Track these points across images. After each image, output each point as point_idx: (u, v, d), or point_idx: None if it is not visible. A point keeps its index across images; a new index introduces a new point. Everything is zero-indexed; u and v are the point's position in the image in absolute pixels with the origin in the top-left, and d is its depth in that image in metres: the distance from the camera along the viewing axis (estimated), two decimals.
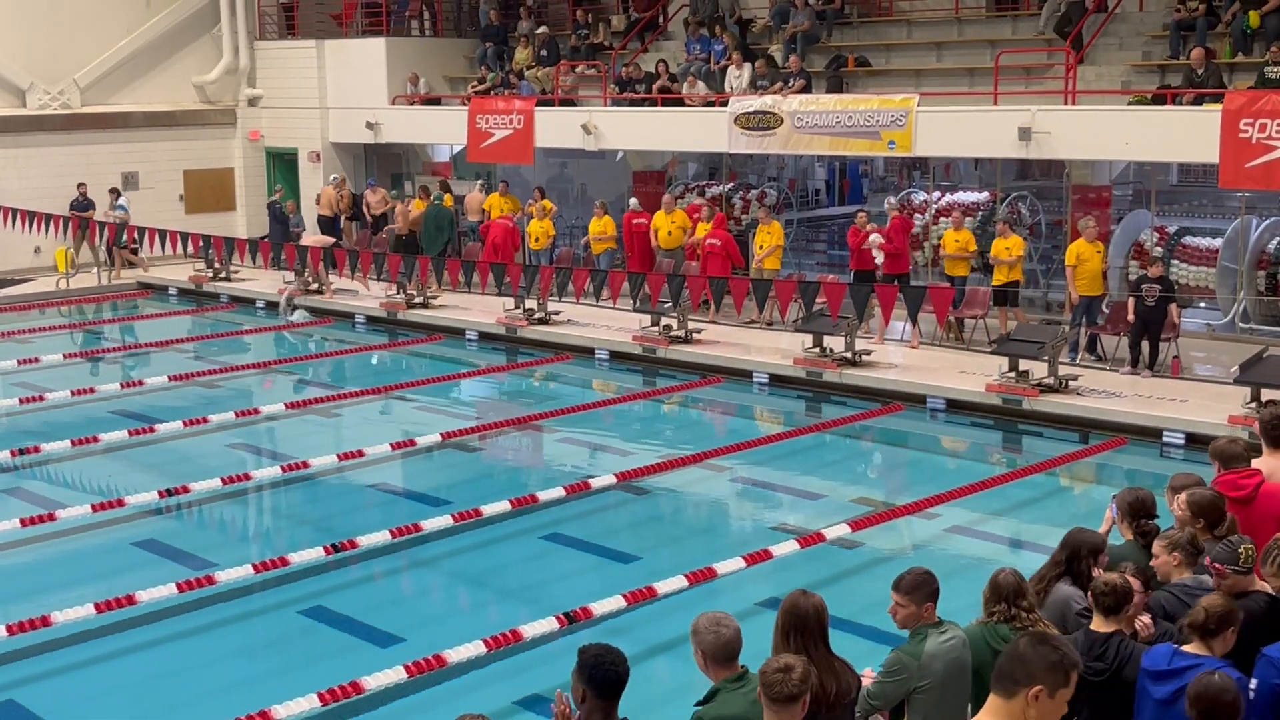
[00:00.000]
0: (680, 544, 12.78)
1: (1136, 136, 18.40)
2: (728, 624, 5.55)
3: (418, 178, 28.58)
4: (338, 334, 22.70)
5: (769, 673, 5.11)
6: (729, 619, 5.59)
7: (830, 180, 29.12)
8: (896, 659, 6.12)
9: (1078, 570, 6.92)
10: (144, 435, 15.73)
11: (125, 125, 28.80)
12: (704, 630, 5.56)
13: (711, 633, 5.53)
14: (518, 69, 26.97)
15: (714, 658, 5.53)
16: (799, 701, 5.10)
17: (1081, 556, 6.93)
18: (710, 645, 5.53)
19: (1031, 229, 21.52)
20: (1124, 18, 21.58)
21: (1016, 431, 16.32)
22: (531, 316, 21.09)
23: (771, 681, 5.09)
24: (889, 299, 17.54)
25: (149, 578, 11.03)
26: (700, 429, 17.61)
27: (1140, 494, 7.64)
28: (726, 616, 5.60)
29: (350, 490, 14.33)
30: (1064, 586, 6.89)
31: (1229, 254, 19.16)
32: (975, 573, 9.37)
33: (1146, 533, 7.41)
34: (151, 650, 10.20)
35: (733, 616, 5.64)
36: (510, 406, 18.49)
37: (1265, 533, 7.38)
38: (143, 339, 22.29)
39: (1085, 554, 6.93)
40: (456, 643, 9.54)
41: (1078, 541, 6.99)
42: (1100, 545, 7.01)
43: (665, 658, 9.85)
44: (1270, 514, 7.62)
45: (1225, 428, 14.42)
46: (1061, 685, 4.44)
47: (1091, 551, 6.94)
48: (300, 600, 11.04)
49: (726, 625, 5.55)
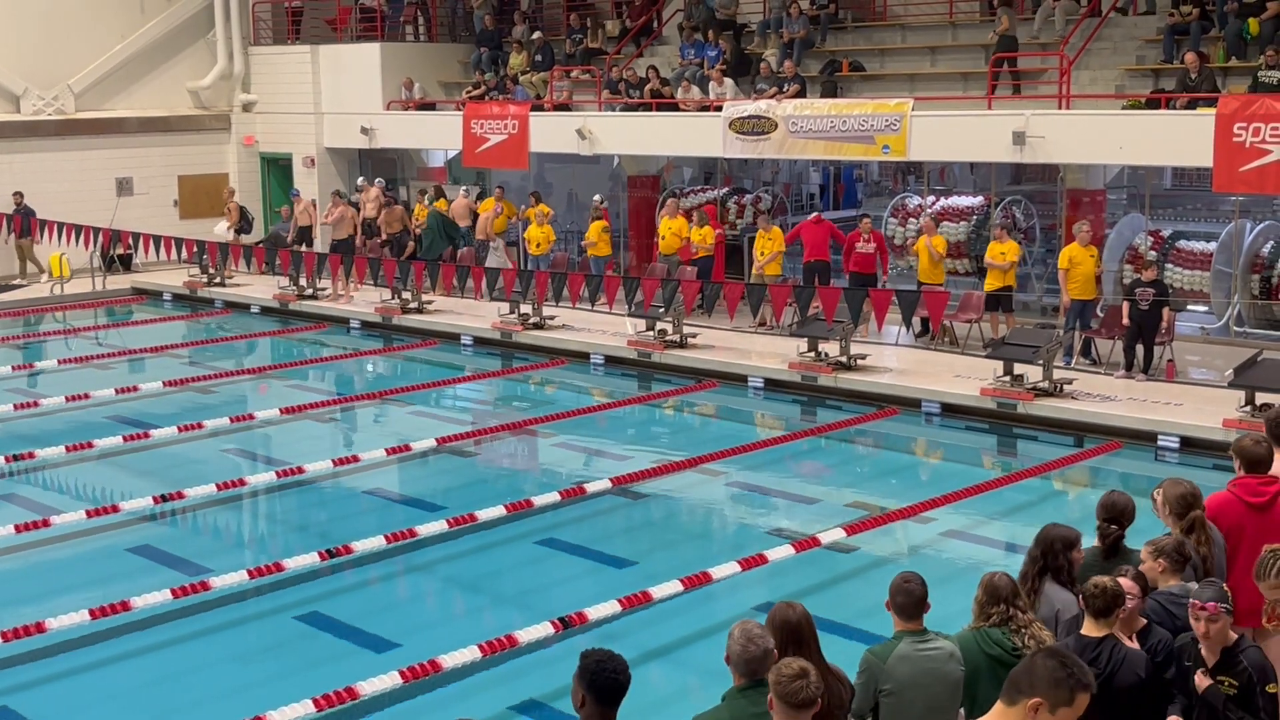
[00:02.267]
0: (675, 548, 12.78)
1: (1130, 140, 18.43)
2: (759, 643, 5.46)
3: (412, 183, 28.58)
4: (333, 339, 22.69)
5: (787, 679, 5.02)
6: (764, 638, 5.49)
7: (825, 185, 29.12)
8: (863, 658, 6.14)
9: (1055, 565, 6.91)
10: (139, 441, 15.70)
11: (120, 131, 28.76)
12: (734, 639, 5.50)
13: (739, 644, 5.48)
14: (512, 74, 26.99)
15: (735, 665, 5.51)
16: (815, 704, 5.06)
17: (1056, 551, 6.91)
18: (735, 655, 5.49)
19: (1026, 233, 21.54)
20: (1117, 22, 21.62)
21: (1011, 435, 16.33)
22: (526, 321, 21.09)
23: (793, 689, 4.99)
24: (883, 303, 17.55)
25: (144, 583, 11.04)
26: (695, 433, 17.61)
27: (1115, 497, 7.45)
28: (764, 635, 5.51)
29: (345, 495, 14.32)
30: (1055, 591, 6.88)
31: (1223, 258, 19.18)
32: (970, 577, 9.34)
33: (1106, 536, 7.32)
34: (146, 656, 10.18)
35: (769, 637, 5.54)
36: (505, 411, 18.50)
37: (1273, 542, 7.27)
38: (137, 345, 22.27)
39: (1059, 548, 6.91)
40: (452, 648, 9.53)
41: (1050, 536, 6.98)
42: (1074, 539, 6.97)
43: (660, 663, 9.85)
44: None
45: (1220, 431, 14.44)
46: (1064, 704, 4.42)
47: (1065, 545, 6.92)
48: (295, 606, 11.02)
49: (756, 644, 5.46)
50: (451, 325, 22.08)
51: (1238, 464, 7.77)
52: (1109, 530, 7.30)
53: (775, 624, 5.85)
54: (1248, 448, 7.69)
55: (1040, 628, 6.42)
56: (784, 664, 5.16)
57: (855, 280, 20.13)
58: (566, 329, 21.01)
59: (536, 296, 20.85)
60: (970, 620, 6.53)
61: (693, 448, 15.69)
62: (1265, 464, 7.66)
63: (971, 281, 21.44)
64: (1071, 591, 6.78)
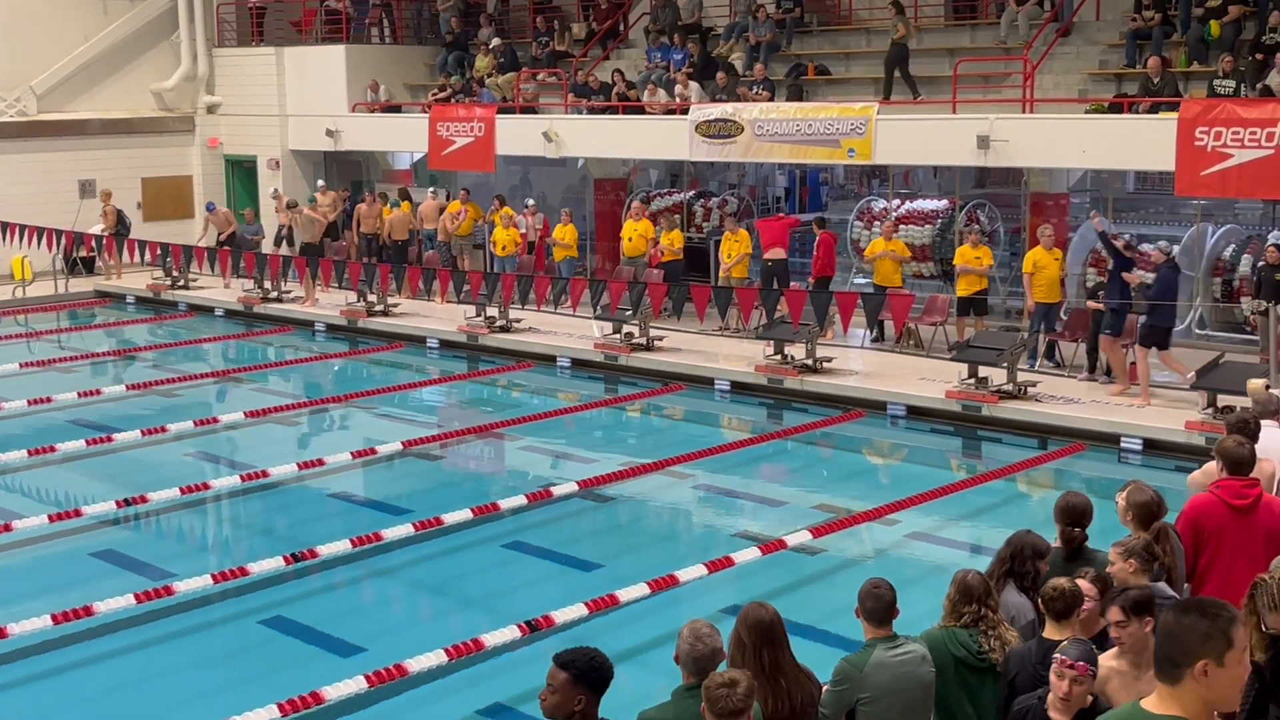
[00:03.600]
0: (642, 551, 12.79)
1: (1093, 144, 18.56)
2: (706, 641, 5.52)
3: (378, 185, 28.50)
4: (298, 342, 22.59)
5: (713, 688, 5.10)
6: (712, 636, 5.54)
7: (790, 187, 29.19)
8: (840, 668, 6.13)
9: (1021, 570, 6.94)
10: (102, 444, 15.60)
11: (83, 133, 28.58)
12: (683, 637, 5.56)
13: (687, 642, 5.54)
14: (478, 76, 26.95)
15: (684, 664, 5.56)
16: (743, 716, 5.09)
17: (1026, 558, 6.95)
18: (683, 654, 5.55)
19: (990, 237, 21.64)
20: (1081, 27, 21.77)
21: (976, 437, 16.41)
22: (493, 324, 21.06)
23: (717, 696, 5.07)
24: (849, 306, 17.61)
25: (107, 588, 10.95)
26: (662, 436, 17.61)
27: (1072, 499, 7.42)
28: (712, 634, 5.56)
29: (311, 499, 14.26)
30: (1011, 595, 6.91)
31: (1185, 261, 19.31)
32: (936, 579, 9.41)
33: (1071, 540, 7.34)
34: (109, 662, 10.11)
35: (719, 635, 5.59)
36: (472, 414, 18.46)
37: (1253, 546, 7.28)
38: (100, 348, 22.12)
39: (1029, 554, 6.95)
40: (418, 652, 9.50)
41: (1023, 542, 7.01)
42: (1045, 550, 7.00)
43: (628, 666, 9.80)
44: (1263, 527, 7.36)
45: (1182, 434, 14.56)
46: (1226, 648, 3.92)
47: (1036, 554, 6.96)
48: (260, 610, 10.97)
49: (703, 642, 5.51)
50: (417, 328, 22.02)
51: (1220, 466, 7.70)
52: (1073, 534, 7.31)
53: (749, 624, 5.87)
54: (1231, 449, 7.62)
55: (1007, 629, 6.47)
56: (718, 674, 5.21)
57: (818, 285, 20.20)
58: (533, 332, 21.00)
59: (503, 299, 20.82)
60: (939, 618, 6.56)
61: (659, 450, 15.70)
62: (1248, 466, 7.61)
63: (936, 285, 21.53)
64: (1029, 599, 6.82)
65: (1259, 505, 7.48)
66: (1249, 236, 19.58)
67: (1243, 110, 17.10)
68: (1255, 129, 16.90)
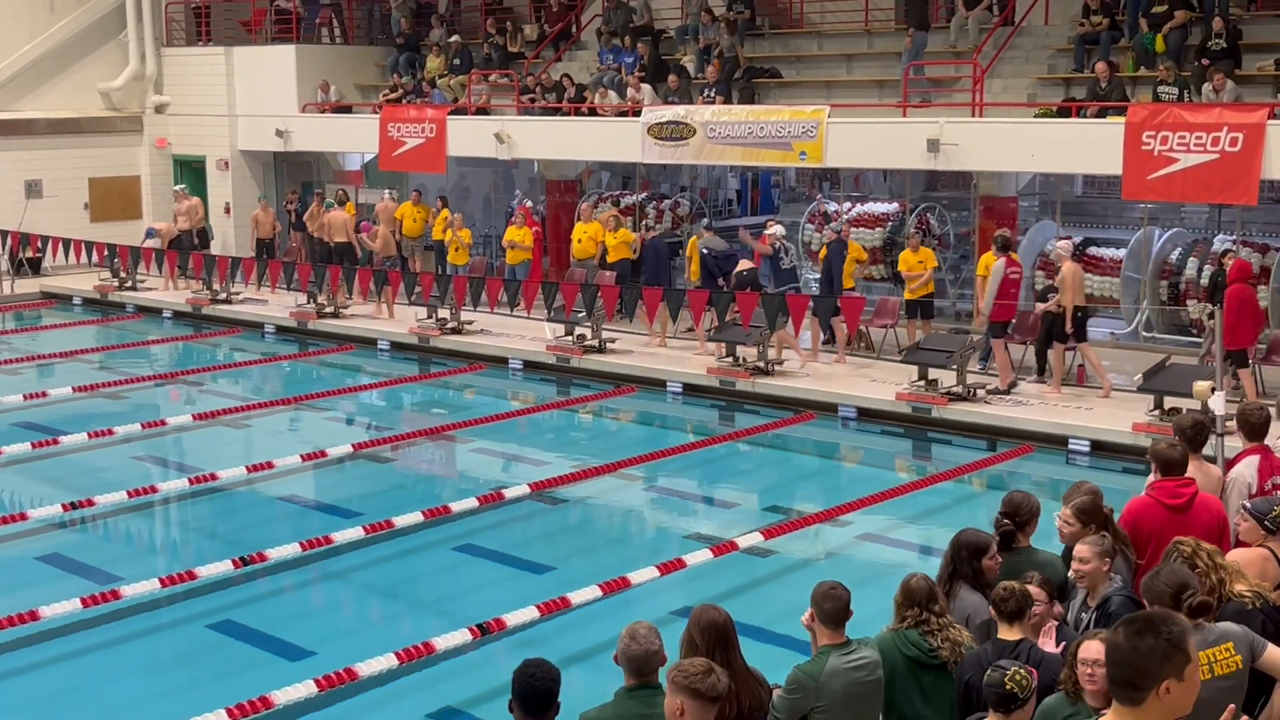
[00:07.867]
0: (594, 554, 12.79)
1: (1042, 148, 18.70)
2: (641, 642, 5.50)
3: (329, 186, 28.34)
4: (246, 344, 22.43)
5: (695, 673, 5.05)
6: (648, 637, 5.52)
7: (742, 190, 29.28)
8: (795, 677, 6.11)
9: (963, 571, 7.00)
10: (48, 447, 15.44)
11: (29, 132, 28.23)
12: (622, 638, 5.56)
13: (624, 643, 5.54)
14: (430, 77, 26.86)
15: (622, 664, 5.55)
16: (720, 703, 5.10)
17: (963, 558, 7.01)
18: (621, 654, 5.55)
19: (940, 240, 21.79)
20: (1029, 31, 21.93)
21: (926, 439, 16.51)
22: (444, 326, 20.99)
23: (700, 681, 5.03)
24: (800, 309, 17.67)
25: (52, 592, 10.83)
26: (614, 438, 17.62)
27: (1015, 495, 7.59)
28: (649, 634, 5.53)
29: (260, 502, 14.17)
30: (966, 594, 6.97)
31: (1132, 264, 19.52)
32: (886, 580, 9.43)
33: (998, 528, 7.42)
34: (55, 666, 10.01)
35: (658, 635, 5.57)
36: (423, 417, 18.39)
37: None
38: (46, 349, 21.87)
39: (965, 555, 7.00)
40: (368, 656, 9.46)
41: (959, 543, 7.08)
42: (984, 545, 7.05)
43: (579, 668, 9.80)
44: (1201, 523, 7.54)
45: (1130, 435, 14.70)
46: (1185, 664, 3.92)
47: (973, 552, 7.00)
48: (208, 614, 10.88)
49: (638, 643, 5.50)
50: (368, 330, 21.93)
51: (1154, 468, 7.98)
52: (1001, 524, 7.44)
53: (701, 626, 5.87)
54: (1163, 451, 7.88)
55: (959, 630, 6.51)
56: (691, 661, 5.20)
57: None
58: (485, 334, 20.94)
59: (455, 301, 20.75)
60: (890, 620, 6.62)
61: (611, 453, 15.71)
62: (1181, 467, 7.87)
63: (886, 287, 21.64)
64: (984, 595, 6.87)
65: (1194, 503, 7.70)
66: (1195, 240, 19.80)
67: (1189, 115, 17.29)
68: (1201, 134, 17.09)
